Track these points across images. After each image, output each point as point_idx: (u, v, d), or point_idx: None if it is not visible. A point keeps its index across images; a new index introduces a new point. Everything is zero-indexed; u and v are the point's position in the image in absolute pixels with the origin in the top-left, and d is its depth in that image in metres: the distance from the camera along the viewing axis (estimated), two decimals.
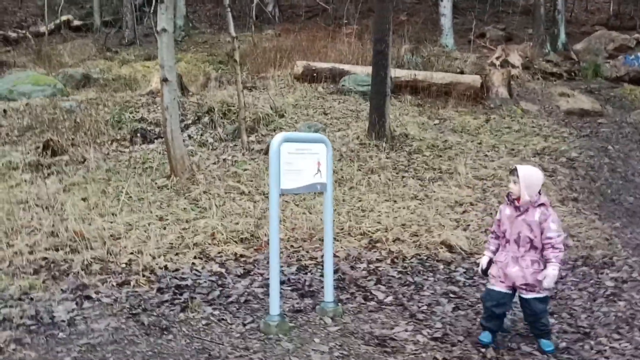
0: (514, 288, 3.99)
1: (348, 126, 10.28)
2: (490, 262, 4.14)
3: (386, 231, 6.42)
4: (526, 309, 4.00)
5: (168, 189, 7.73)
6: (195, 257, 5.55)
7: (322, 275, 5.19)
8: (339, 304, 4.56)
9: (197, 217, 6.73)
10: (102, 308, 4.44)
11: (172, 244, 5.91)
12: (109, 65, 16.03)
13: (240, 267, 5.41)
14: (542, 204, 3.93)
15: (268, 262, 5.57)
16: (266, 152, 9.24)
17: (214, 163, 8.84)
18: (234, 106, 10.45)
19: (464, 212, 7.39)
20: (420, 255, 5.83)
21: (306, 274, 5.28)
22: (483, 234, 6.68)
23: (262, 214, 6.82)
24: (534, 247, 3.91)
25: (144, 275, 5.02)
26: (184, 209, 6.98)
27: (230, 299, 4.64)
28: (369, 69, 12.96)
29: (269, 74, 13.61)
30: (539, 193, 3.97)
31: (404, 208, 7.28)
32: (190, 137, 9.85)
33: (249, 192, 7.64)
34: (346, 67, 13.33)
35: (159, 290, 4.77)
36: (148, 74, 14.46)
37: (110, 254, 5.55)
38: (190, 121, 10.35)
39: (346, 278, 5.13)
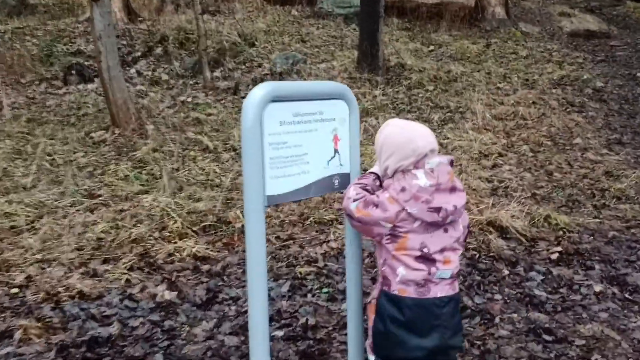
0: None
1: (332, 56, 7.90)
2: None
3: None
4: None
5: (107, 145, 5.43)
6: (131, 268, 3.36)
7: (330, 300, 3.08)
8: None
9: (142, 189, 4.49)
10: None
11: (99, 240, 3.70)
12: None
13: (201, 283, 3.24)
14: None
15: (244, 271, 3.47)
16: (234, 92, 6.87)
17: (169, 107, 6.48)
18: (193, 34, 7.94)
19: (493, 166, 5.32)
20: (466, 247, 3.72)
21: (305, 295, 3.13)
22: (531, 200, 4.62)
23: (233, 183, 4.61)
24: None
25: (38, 319, 2.82)
26: (125, 176, 4.72)
27: None
28: None
29: None
30: (410, 169, 1.76)
31: None
32: (139, 73, 7.38)
33: (214, 147, 5.38)
34: None
35: (61, 350, 2.60)
36: None
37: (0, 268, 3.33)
38: (139, 53, 7.81)
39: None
